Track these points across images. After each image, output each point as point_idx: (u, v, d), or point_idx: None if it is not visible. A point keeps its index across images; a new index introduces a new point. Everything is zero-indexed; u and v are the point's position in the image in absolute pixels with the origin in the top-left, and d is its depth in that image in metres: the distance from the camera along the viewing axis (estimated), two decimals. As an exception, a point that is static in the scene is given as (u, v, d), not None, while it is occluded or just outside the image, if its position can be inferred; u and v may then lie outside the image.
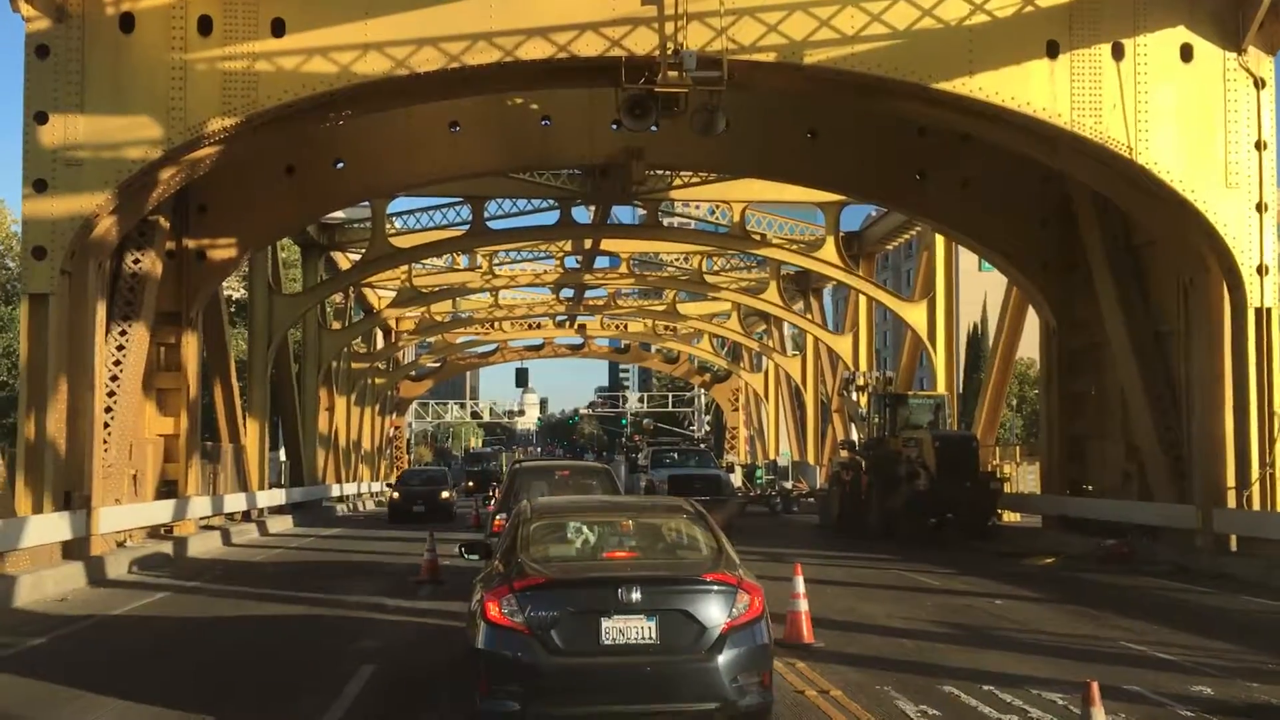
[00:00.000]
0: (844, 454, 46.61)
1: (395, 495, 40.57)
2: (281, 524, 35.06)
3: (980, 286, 69.34)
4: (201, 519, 29.05)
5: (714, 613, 8.33)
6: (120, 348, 23.90)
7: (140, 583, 20.26)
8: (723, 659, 8.24)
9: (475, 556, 10.61)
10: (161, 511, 25.35)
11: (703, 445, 51.95)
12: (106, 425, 22.75)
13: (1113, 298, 25.90)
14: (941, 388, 36.87)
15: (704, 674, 8.23)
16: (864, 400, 36.53)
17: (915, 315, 38.20)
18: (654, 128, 28.51)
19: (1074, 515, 27.43)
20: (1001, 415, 35.21)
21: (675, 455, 39.24)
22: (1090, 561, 23.47)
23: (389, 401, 71.14)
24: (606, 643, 8.22)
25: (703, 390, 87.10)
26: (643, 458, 40.00)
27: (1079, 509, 27.21)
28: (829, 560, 24.28)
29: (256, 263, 36.75)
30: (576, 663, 8.19)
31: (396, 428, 77.13)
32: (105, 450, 22.50)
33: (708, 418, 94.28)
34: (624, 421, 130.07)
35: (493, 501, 22.48)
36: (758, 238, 39.89)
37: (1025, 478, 31.81)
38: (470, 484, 78.87)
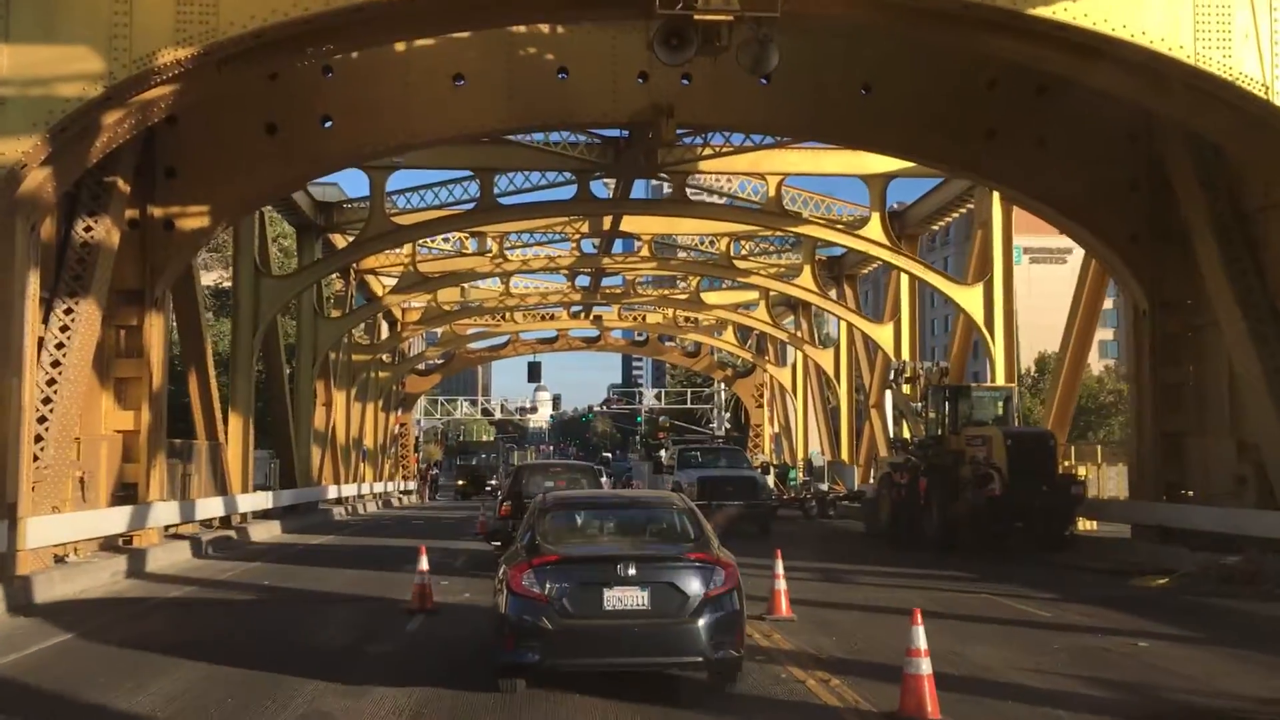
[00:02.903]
0: (886, 453, 43.01)
1: None
2: (267, 531, 31.53)
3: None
4: (169, 527, 25.56)
5: (695, 585, 9.97)
6: (65, 328, 20.37)
7: (74, 608, 16.75)
8: (702, 622, 9.87)
9: (498, 543, 12.76)
10: (114, 520, 21.82)
11: (733, 443, 48.08)
12: (44, 419, 19.20)
13: (1221, 272, 22.22)
14: (1000, 380, 33.21)
15: (687, 634, 9.88)
16: (910, 392, 32.88)
17: (970, 300, 34.52)
18: (685, 80, 25.28)
19: (1173, 525, 23.72)
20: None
21: (703, 455, 35.60)
22: (1209, 582, 19.78)
23: (394, 397, 67.59)
24: (608, 609, 9.86)
25: (723, 386, 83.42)
26: (667, 458, 36.29)
27: (1180, 518, 23.49)
28: (894, 579, 20.66)
29: (242, 240, 33.27)
30: (583, 624, 9.88)
31: (402, 424, 73.48)
32: (40, 448, 18.95)
33: (727, 415, 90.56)
34: (639, 419, 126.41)
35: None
36: (795, 215, 36.20)
37: (1106, 481, 28.08)
38: (461, 483, 71.56)
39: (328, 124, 24.64)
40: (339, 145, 24.91)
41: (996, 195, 34.02)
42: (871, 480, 47.61)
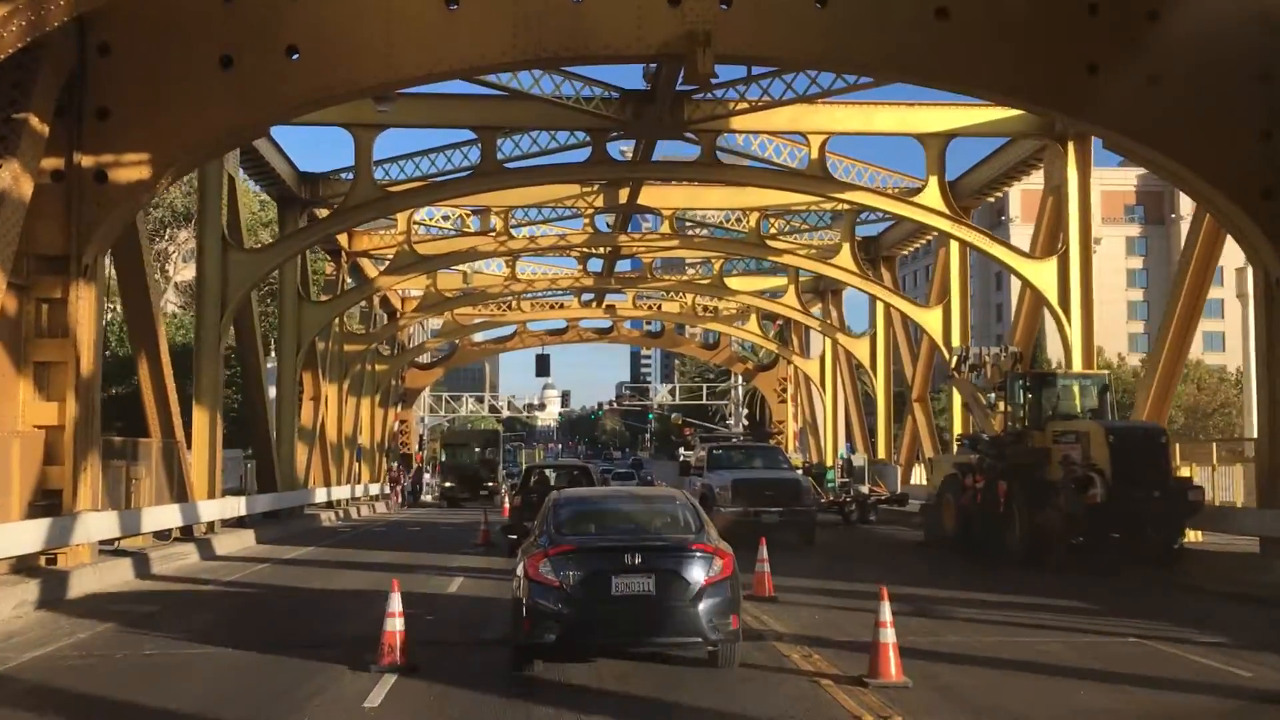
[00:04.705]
0: (931, 452, 38.85)
1: None
2: (238, 542, 27.32)
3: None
4: (108, 541, 21.35)
5: (696, 572, 10.95)
6: (-46, 297, 16.20)
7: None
8: (702, 606, 10.80)
9: (514, 536, 15.17)
10: (25, 535, 17.53)
11: (772, 440, 43.23)
12: (-82, 410, 15.03)
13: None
14: (1078, 368, 28.92)
15: (688, 616, 10.81)
16: (963, 377, 28.61)
17: (1041, 276, 30.23)
18: (724, 5, 21.00)
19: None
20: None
21: (737, 454, 31.27)
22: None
23: (393, 392, 63.33)
24: (616, 594, 10.84)
25: (741, 379, 79.08)
26: (695, 458, 31.99)
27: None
28: (998, 611, 16.35)
29: (208, 207, 29.08)
30: (595, 608, 10.85)
31: (403, 421, 69.17)
32: (-88, 448, 14.79)
33: (744, 411, 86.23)
34: (650, 416, 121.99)
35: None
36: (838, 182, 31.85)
37: (1220, 484, 23.69)
38: (449, 484, 57.53)
39: (294, 56, 20.27)
40: (307, 82, 20.58)
41: (1072, 157, 29.87)
42: (914, 481, 43.48)
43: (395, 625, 11.73)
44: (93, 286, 20.24)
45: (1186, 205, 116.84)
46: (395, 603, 11.80)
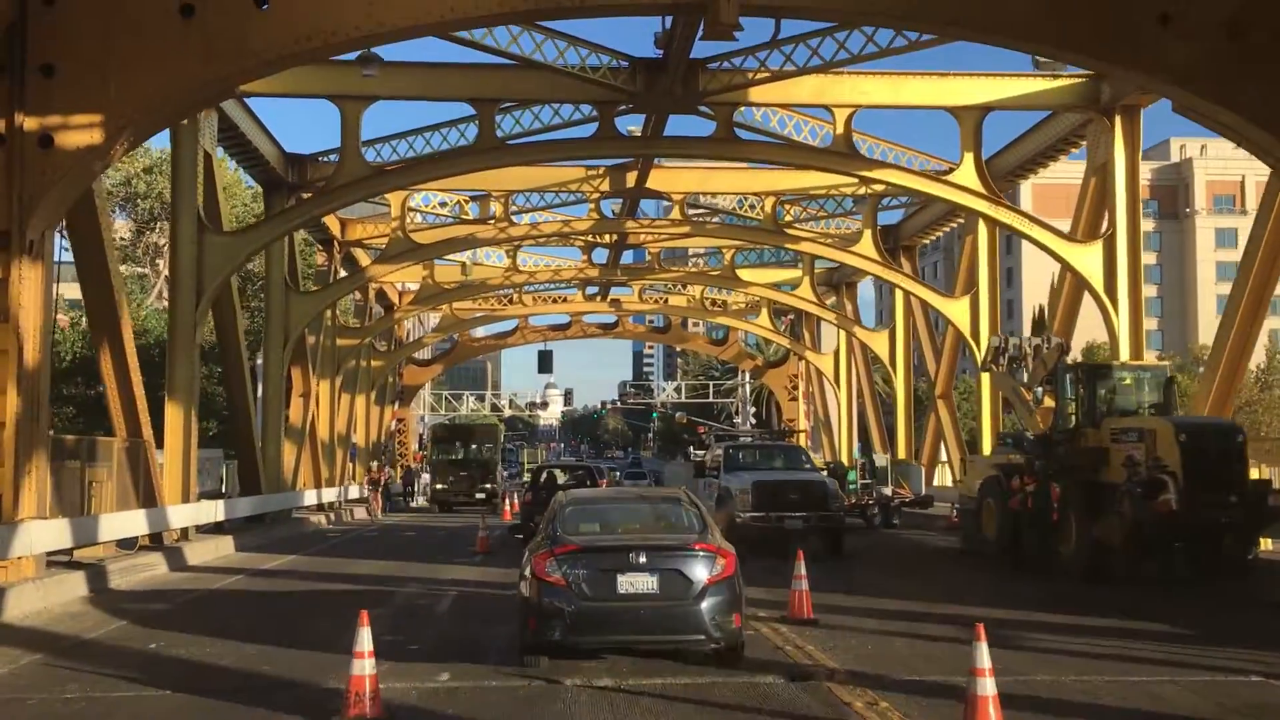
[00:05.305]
0: (956, 450, 36.72)
1: None
2: (214, 549, 25.02)
3: (1043, 268, 59.10)
4: (63, 552, 19.08)
5: (699, 571, 11.16)
6: None
7: None
8: (705, 604, 11.04)
9: (520, 536, 14.74)
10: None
11: (789, 437, 40.49)
12: None
13: None
14: (1124, 358, 26.64)
15: (691, 615, 11.05)
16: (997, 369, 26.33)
17: (1084, 261, 27.96)
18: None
19: None
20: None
21: (755, 454, 28.93)
22: None
23: (390, 389, 61.05)
24: (621, 592, 11.05)
25: (748, 376, 76.84)
26: (710, 458, 29.64)
27: None
28: (1077, 637, 13.97)
29: (180, 188, 26.79)
30: (599, 606, 11.04)
31: (401, 420, 66.86)
32: None
33: (752, 410, 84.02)
34: (654, 415, 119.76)
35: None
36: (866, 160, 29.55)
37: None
38: (441, 486, 49.96)
39: (264, 5, 18.01)
40: (279, 35, 18.21)
41: (1119, 131, 27.59)
42: (937, 482, 41.25)
43: (364, 668, 9.48)
44: (39, 266, 17.96)
45: (1201, 199, 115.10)
46: (364, 640, 9.54)
